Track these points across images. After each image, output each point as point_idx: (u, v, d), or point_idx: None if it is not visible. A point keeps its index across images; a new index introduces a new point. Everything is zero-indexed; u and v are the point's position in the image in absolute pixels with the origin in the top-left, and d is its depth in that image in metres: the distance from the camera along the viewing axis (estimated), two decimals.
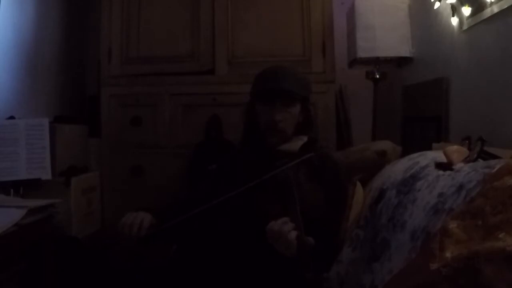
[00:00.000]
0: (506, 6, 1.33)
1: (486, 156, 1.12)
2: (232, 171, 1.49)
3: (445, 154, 1.15)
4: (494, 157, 1.10)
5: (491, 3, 1.41)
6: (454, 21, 1.70)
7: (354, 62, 2.38)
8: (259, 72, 1.51)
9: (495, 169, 0.91)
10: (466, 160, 1.12)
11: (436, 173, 1.12)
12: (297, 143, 1.48)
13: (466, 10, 1.59)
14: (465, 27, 1.64)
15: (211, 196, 1.35)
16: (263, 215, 1.22)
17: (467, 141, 1.29)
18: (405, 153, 1.57)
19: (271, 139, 1.45)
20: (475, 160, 1.11)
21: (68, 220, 2.00)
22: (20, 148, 1.84)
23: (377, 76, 2.34)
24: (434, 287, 0.72)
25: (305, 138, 1.50)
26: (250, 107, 1.51)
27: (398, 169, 1.32)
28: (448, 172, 1.08)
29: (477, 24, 1.55)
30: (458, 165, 1.10)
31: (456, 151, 1.16)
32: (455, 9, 1.69)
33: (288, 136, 1.47)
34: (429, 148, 1.56)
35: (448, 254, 0.74)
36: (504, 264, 0.66)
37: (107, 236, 2.28)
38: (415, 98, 2.15)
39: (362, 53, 2.26)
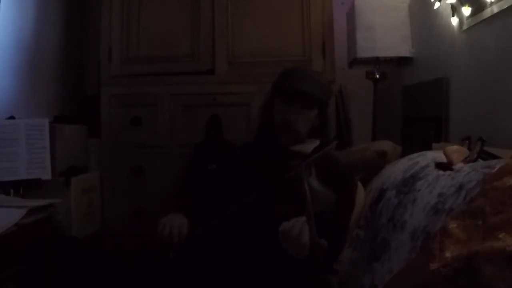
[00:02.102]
0: (506, 6, 1.33)
1: (486, 156, 1.12)
2: (238, 169, 1.49)
3: (445, 154, 1.15)
4: (494, 157, 1.10)
5: (491, 3, 1.41)
6: (454, 21, 1.70)
7: (354, 62, 2.38)
8: (283, 70, 1.52)
9: (495, 169, 0.91)
10: (466, 160, 1.12)
11: (436, 173, 1.12)
12: (310, 146, 1.49)
13: (466, 10, 1.58)
14: (465, 27, 1.64)
15: (214, 195, 1.35)
16: (275, 215, 1.22)
17: (467, 141, 1.29)
18: (405, 153, 1.57)
19: (282, 137, 1.46)
20: (475, 160, 1.11)
21: (68, 220, 2.00)
22: (20, 148, 1.84)
23: (377, 76, 2.34)
24: (434, 287, 0.72)
25: (317, 142, 1.51)
26: (269, 102, 1.52)
27: (398, 169, 1.32)
28: (448, 172, 1.08)
29: (477, 24, 1.55)
30: (458, 165, 1.10)
31: (456, 151, 1.16)
32: (455, 9, 1.69)
33: (300, 137, 1.47)
34: (429, 148, 1.56)
35: (448, 254, 0.74)
36: (504, 264, 0.66)
37: (108, 236, 2.29)
38: (415, 98, 2.15)
39: (362, 53, 2.26)
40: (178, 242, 1.29)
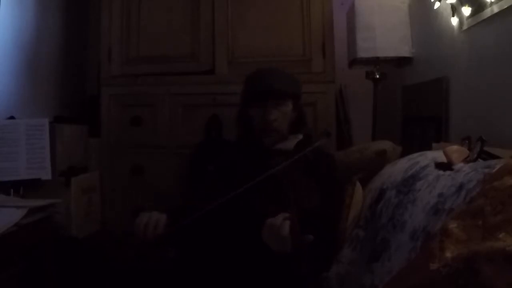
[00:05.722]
0: (506, 6, 1.33)
1: (486, 156, 1.12)
2: (229, 172, 1.49)
3: (445, 154, 1.15)
4: (494, 157, 1.10)
5: (491, 3, 1.41)
6: (454, 21, 1.70)
7: (354, 62, 2.38)
8: (248, 74, 1.53)
9: (495, 169, 0.91)
10: (466, 160, 1.12)
11: (436, 173, 1.12)
12: (292, 141, 1.50)
13: (466, 10, 1.58)
14: (465, 27, 1.64)
15: (212, 197, 1.35)
16: (259, 215, 1.23)
17: (467, 141, 1.29)
18: (405, 153, 1.57)
19: (266, 139, 1.46)
20: (475, 160, 1.11)
21: (68, 220, 2.00)
22: (20, 148, 1.84)
23: (377, 76, 2.34)
24: (434, 287, 0.72)
25: (300, 136, 1.52)
26: (243, 110, 1.53)
27: (398, 169, 1.32)
28: (448, 172, 1.08)
29: (477, 24, 1.55)
30: (458, 165, 1.10)
31: (456, 151, 1.16)
32: (455, 9, 1.69)
33: (283, 134, 1.48)
34: (429, 148, 1.56)
35: (448, 254, 0.74)
36: (504, 264, 0.65)
37: (108, 236, 2.29)
38: (415, 98, 2.15)
39: (362, 53, 2.26)
40: (154, 234, 1.29)
